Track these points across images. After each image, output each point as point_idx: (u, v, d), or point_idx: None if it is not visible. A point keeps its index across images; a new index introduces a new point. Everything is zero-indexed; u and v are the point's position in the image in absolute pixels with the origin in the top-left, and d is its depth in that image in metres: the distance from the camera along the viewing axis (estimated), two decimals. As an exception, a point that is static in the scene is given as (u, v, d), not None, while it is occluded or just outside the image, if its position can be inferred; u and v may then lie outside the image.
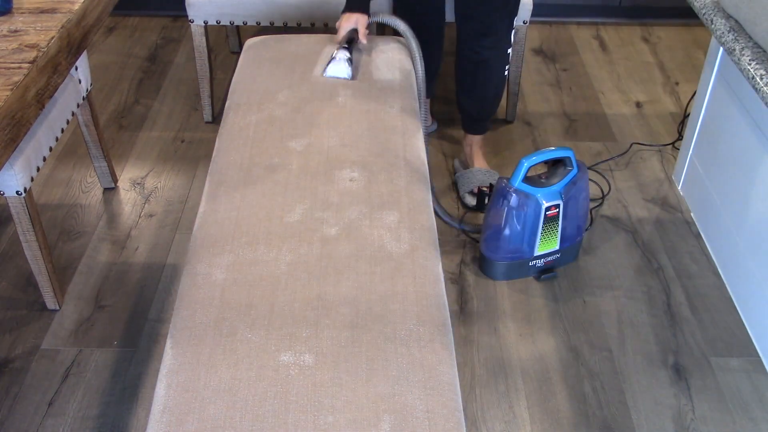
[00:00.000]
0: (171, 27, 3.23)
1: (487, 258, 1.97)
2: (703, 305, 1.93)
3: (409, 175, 1.54)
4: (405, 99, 1.78)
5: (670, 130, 2.61)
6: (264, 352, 1.15)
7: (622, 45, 3.14)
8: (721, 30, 1.78)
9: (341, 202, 1.44)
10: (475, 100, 2.25)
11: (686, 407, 1.68)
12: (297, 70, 1.85)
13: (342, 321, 1.21)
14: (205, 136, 2.55)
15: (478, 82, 2.20)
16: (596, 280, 2.00)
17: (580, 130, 2.61)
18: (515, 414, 1.66)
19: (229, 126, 1.68)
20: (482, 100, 2.25)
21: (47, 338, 1.82)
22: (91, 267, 2.03)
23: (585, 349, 1.81)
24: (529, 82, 2.87)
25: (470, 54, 2.13)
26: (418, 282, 1.29)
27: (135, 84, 2.84)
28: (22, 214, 1.74)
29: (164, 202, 2.26)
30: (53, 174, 2.37)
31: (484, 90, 2.22)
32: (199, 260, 1.33)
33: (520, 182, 1.85)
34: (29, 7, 1.66)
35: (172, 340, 1.20)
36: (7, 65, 1.45)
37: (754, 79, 1.59)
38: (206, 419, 1.06)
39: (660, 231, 2.17)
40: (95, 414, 1.65)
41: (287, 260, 1.31)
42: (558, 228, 1.93)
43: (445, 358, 1.18)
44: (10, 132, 1.38)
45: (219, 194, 1.48)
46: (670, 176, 2.38)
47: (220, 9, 2.35)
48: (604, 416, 1.66)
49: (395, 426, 1.06)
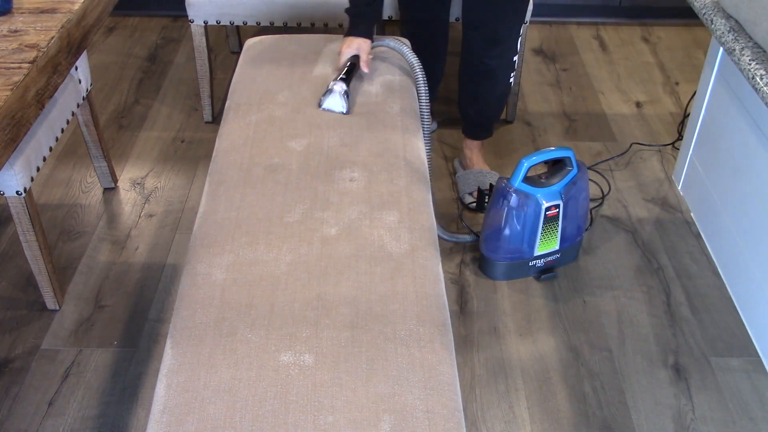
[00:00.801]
0: (171, 27, 3.23)
1: (487, 258, 1.97)
2: (703, 305, 1.93)
3: (409, 175, 1.54)
4: (405, 99, 1.78)
5: (670, 130, 2.61)
6: (264, 352, 1.15)
7: (622, 45, 3.14)
8: (721, 30, 1.78)
9: (341, 202, 1.44)
10: (479, 108, 2.22)
11: (686, 407, 1.68)
12: (297, 70, 1.85)
13: (342, 321, 1.21)
14: (205, 136, 2.55)
15: (483, 90, 2.16)
16: (596, 280, 2.00)
17: (580, 130, 2.61)
18: (515, 414, 1.66)
19: (229, 126, 1.68)
20: (486, 107, 2.22)
21: (47, 338, 1.82)
22: (91, 267, 2.03)
23: (585, 349, 1.81)
24: (529, 82, 2.87)
25: (477, 63, 2.09)
26: (418, 282, 1.29)
27: (135, 84, 2.84)
28: (22, 214, 1.74)
29: (164, 202, 2.26)
30: (53, 174, 2.37)
31: (489, 97, 2.18)
32: (199, 260, 1.33)
33: (520, 182, 1.85)
34: (29, 7, 1.66)
35: (172, 340, 1.20)
36: (7, 65, 1.45)
37: (754, 79, 1.59)
38: (206, 419, 1.06)
39: (660, 231, 2.17)
40: (95, 414, 1.65)
41: (287, 260, 1.31)
42: (558, 228, 1.93)
43: (445, 358, 1.18)
44: (10, 132, 1.38)
45: (219, 194, 1.48)
46: (670, 176, 2.38)
47: (220, 9, 2.35)
48: (604, 416, 1.66)
49: (395, 426, 1.06)
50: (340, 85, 1.71)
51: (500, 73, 2.11)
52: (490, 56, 2.06)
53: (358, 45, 1.79)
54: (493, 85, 2.14)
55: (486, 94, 2.17)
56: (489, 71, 2.09)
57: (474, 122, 2.26)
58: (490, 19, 2.01)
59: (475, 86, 2.15)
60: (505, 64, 2.10)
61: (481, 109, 2.22)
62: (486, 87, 2.14)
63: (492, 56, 2.06)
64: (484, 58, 2.07)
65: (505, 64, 2.10)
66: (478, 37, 2.05)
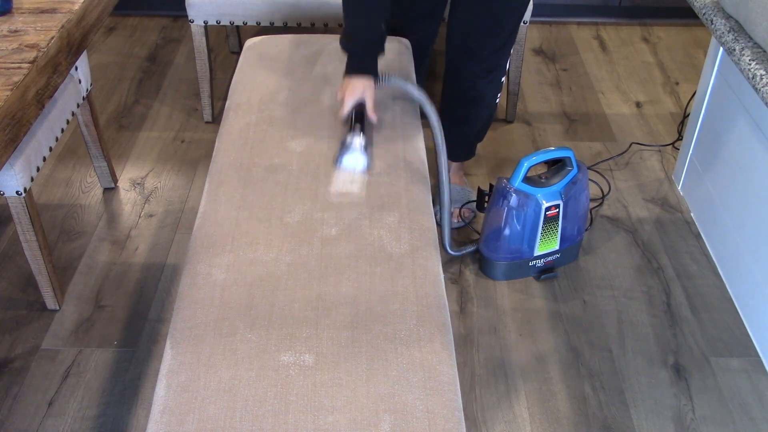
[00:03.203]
0: (171, 27, 3.23)
1: (487, 258, 1.97)
2: (703, 305, 1.93)
3: (409, 175, 1.54)
4: (405, 99, 1.78)
5: (670, 130, 2.61)
6: (264, 352, 1.15)
7: (622, 45, 3.14)
8: (721, 30, 1.78)
9: (341, 203, 1.44)
10: (466, 132, 2.12)
11: (686, 407, 1.68)
12: (297, 70, 1.85)
13: (342, 321, 1.21)
14: (205, 136, 2.55)
15: (471, 116, 2.07)
16: (596, 280, 2.00)
17: (580, 130, 2.61)
18: (515, 414, 1.66)
19: (229, 126, 1.68)
20: (471, 130, 2.12)
21: (47, 338, 1.82)
22: (91, 267, 2.03)
23: (585, 349, 1.81)
24: (529, 82, 2.87)
25: (467, 89, 2.00)
26: (418, 282, 1.29)
27: (135, 84, 2.84)
28: (22, 214, 1.74)
29: (164, 202, 2.26)
30: (53, 174, 2.37)
31: (477, 121, 2.10)
32: (199, 260, 1.33)
33: (520, 182, 1.85)
34: (29, 7, 1.66)
35: (172, 340, 1.20)
36: (7, 65, 1.45)
37: (754, 79, 1.59)
38: (206, 419, 1.06)
39: (660, 231, 2.17)
40: (95, 414, 1.65)
41: (287, 260, 1.31)
42: (558, 228, 1.93)
43: (445, 358, 1.18)
44: (10, 132, 1.38)
45: (219, 194, 1.48)
46: (670, 176, 2.38)
47: (220, 9, 2.35)
48: (604, 416, 1.66)
49: (395, 426, 1.06)
50: (357, 138, 1.48)
51: (489, 96, 2.03)
52: (482, 83, 1.97)
53: (363, 89, 1.55)
54: (482, 109, 2.06)
55: (474, 118, 2.08)
56: (479, 96, 2.01)
57: (458, 144, 2.12)
58: (486, 49, 1.90)
59: (463, 111, 2.05)
60: (495, 87, 2.02)
61: (469, 132, 2.13)
62: (475, 111, 2.06)
63: (484, 82, 1.98)
64: (476, 85, 1.98)
65: (495, 88, 2.03)
66: (472, 67, 1.94)
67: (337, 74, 1.81)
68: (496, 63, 1.96)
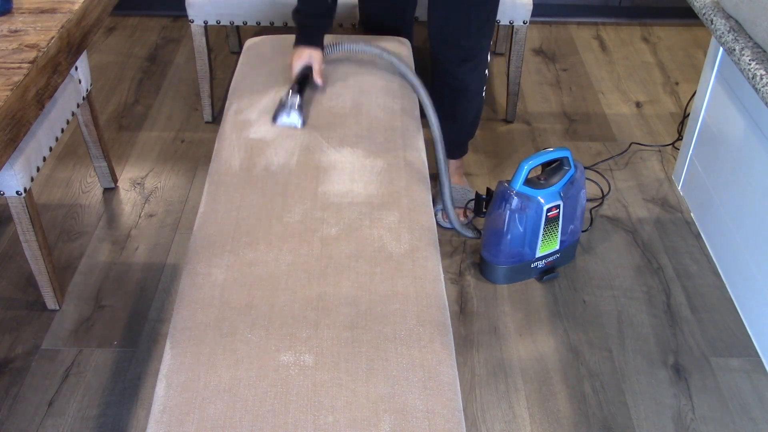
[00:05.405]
0: (171, 27, 3.23)
1: (489, 262, 1.97)
2: (703, 305, 1.94)
3: (409, 175, 1.54)
4: (405, 99, 1.78)
5: (670, 130, 2.61)
6: (264, 352, 1.15)
7: (622, 45, 3.14)
8: (721, 30, 1.78)
9: (341, 203, 1.44)
10: (456, 127, 2.14)
11: (686, 407, 1.68)
12: (297, 70, 1.85)
13: (342, 321, 1.21)
14: (205, 136, 2.55)
15: (459, 108, 2.10)
16: (596, 280, 2.00)
17: (580, 130, 2.61)
18: (515, 414, 1.66)
19: (229, 126, 1.68)
20: (462, 125, 2.15)
21: (47, 338, 1.82)
22: (91, 267, 2.03)
23: (585, 349, 1.81)
24: (529, 82, 2.87)
25: (452, 81, 2.03)
26: (418, 282, 1.29)
27: (135, 84, 2.84)
28: (22, 214, 1.74)
29: (164, 202, 2.26)
30: (53, 174, 2.37)
31: (465, 115, 2.12)
32: (199, 260, 1.33)
33: (521, 185, 1.85)
34: (29, 7, 1.66)
35: (172, 340, 1.20)
36: (7, 65, 1.45)
37: (754, 79, 1.59)
38: (206, 419, 1.06)
39: (660, 231, 2.17)
40: (95, 414, 1.65)
41: (287, 260, 1.31)
42: (558, 228, 1.93)
43: (445, 358, 1.18)
44: (10, 132, 1.38)
45: (219, 194, 1.48)
46: (670, 176, 2.38)
47: (220, 9, 2.35)
48: (604, 416, 1.66)
49: (395, 426, 1.06)
50: (293, 98, 1.66)
51: (474, 88, 2.06)
52: (464, 72, 2.01)
53: (309, 54, 1.73)
54: (468, 101, 2.08)
55: (463, 111, 2.11)
56: (464, 87, 2.04)
57: (450, 141, 2.12)
58: (463, 36, 1.94)
59: (450, 104, 2.08)
60: (479, 78, 2.05)
61: (457, 128, 2.15)
62: (462, 104, 2.08)
63: (466, 71, 2.01)
64: (459, 75, 2.01)
65: (479, 79, 2.05)
66: (452, 56, 1.99)
67: (337, 74, 1.82)
68: (473, 52, 1.99)
